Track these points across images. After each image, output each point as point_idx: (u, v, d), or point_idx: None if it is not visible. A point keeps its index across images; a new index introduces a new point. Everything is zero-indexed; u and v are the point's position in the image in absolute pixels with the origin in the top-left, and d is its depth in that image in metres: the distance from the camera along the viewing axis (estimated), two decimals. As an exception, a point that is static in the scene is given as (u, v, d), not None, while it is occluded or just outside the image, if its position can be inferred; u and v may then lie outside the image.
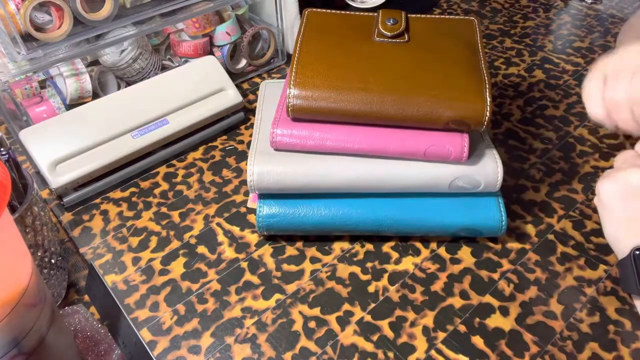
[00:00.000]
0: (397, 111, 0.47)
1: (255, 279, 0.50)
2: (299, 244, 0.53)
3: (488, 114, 0.46)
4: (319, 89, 0.47)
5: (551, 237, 0.54)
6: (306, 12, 0.56)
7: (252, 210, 0.57)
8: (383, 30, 0.52)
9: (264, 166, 0.49)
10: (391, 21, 0.53)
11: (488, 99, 0.47)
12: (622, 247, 0.41)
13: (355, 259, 0.52)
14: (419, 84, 0.47)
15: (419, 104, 0.47)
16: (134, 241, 0.54)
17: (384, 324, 0.46)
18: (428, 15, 0.57)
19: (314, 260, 0.52)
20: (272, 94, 0.60)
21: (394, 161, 0.49)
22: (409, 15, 0.56)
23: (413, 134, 0.48)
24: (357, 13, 0.57)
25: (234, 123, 0.68)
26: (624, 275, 0.42)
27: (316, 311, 0.48)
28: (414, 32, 0.54)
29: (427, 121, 0.47)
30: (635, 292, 0.40)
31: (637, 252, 0.39)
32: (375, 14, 0.55)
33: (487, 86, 0.48)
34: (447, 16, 0.57)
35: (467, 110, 0.47)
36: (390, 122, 0.48)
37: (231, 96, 0.67)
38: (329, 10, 0.56)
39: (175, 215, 0.57)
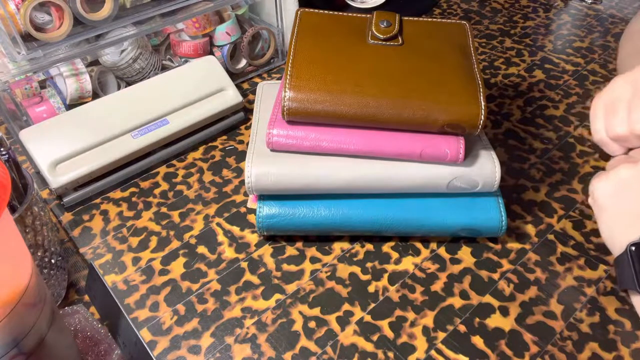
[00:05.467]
0: (393, 115, 0.47)
1: (255, 279, 0.50)
2: (299, 244, 0.53)
3: (483, 117, 0.47)
4: (314, 92, 0.47)
5: (551, 237, 0.54)
6: (299, 13, 0.56)
7: (252, 211, 0.57)
8: (376, 33, 0.52)
9: (262, 168, 0.49)
10: (385, 23, 0.53)
11: (482, 103, 0.47)
12: (617, 244, 0.41)
13: (355, 259, 0.52)
14: (414, 88, 0.47)
15: (414, 108, 0.47)
16: (134, 241, 0.54)
17: (384, 324, 0.46)
18: (421, 19, 0.57)
19: (314, 260, 0.52)
20: (269, 95, 0.59)
21: (392, 162, 0.49)
22: (402, 18, 0.56)
23: (409, 136, 0.48)
24: (350, 14, 0.57)
25: (234, 123, 0.69)
26: (620, 272, 0.42)
27: (316, 311, 0.48)
28: (407, 35, 0.54)
29: (423, 125, 0.47)
30: (632, 287, 0.40)
31: (633, 247, 0.40)
32: (369, 15, 0.55)
33: (481, 90, 0.48)
34: (439, 20, 0.57)
35: (462, 114, 0.47)
36: (386, 125, 0.48)
37: (231, 96, 0.67)
38: (322, 11, 0.56)
39: (175, 215, 0.57)
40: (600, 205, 0.42)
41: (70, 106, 0.65)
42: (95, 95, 0.68)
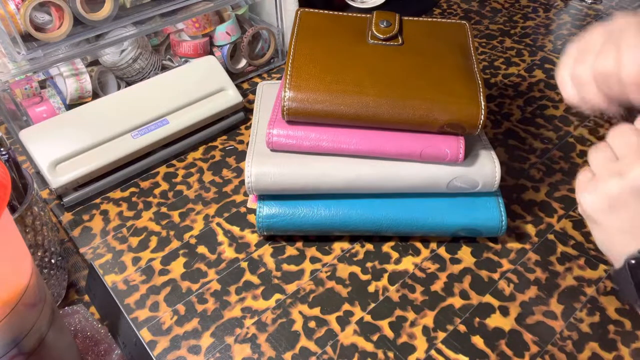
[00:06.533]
0: (393, 115, 0.47)
1: (255, 279, 0.50)
2: (299, 244, 0.53)
3: (482, 117, 0.47)
4: (314, 92, 0.47)
5: (551, 237, 0.54)
6: (299, 13, 0.56)
7: (252, 210, 0.57)
8: (376, 33, 0.52)
9: (262, 167, 0.49)
10: (384, 23, 0.53)
11: (482, 103, 0.47)
12: (614, 255, 0.40)
13: (355, 259, 0.52)
14: (414, 88, 0.48)
15: (414, 107, 0.47)
16: (134, 241, 0.54)
17: (384, 324, 0.46)
18: (421, 19, 0.57)
19: (314, 260, 0.52)
20: (269, 95, 0.60)
21: (392, 162, 0.49)
22: (402, 18, 0.56)
23: (409, 135, 0.48)
24: (350, 14, 0.57)
25: (234, 123, 0.69)
26: (621, 286, 0.40)
27: (316, 311, 0.48)
28: (407, 35, 0.54)
29: (423, 125, 0.47)
30: (634, 302, 0.39)
31: (633, 262, 0.37)
32: (369, 15, 0.55)
33: (481, 90, 0.48)
34: (439, 19, 0.57)
35: (462, 113, 0.47)
36: (386, 125, 0.48)
37: (231, 96, 0.67)
38: (321, 11, 0.56)
39: (175, 215, 0.57)
40: (592, 219, 0.41)
41: (70, 106, 0.65)
42: (95, 95, 0.68)
